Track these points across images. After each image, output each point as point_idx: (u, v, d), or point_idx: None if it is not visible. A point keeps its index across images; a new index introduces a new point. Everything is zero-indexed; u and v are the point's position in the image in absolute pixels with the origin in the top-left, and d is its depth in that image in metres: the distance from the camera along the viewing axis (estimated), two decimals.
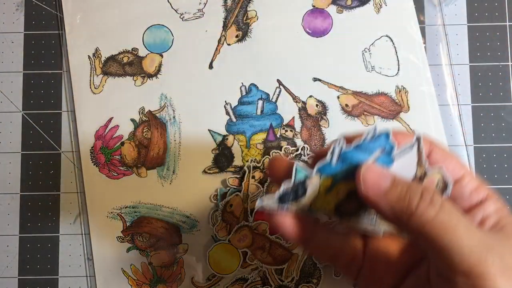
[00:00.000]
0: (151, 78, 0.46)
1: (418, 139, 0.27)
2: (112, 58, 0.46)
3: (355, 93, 0.45)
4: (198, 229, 0.44)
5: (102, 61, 0.46)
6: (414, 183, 0.26)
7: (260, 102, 0.45)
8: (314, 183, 0.28)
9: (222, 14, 0.46)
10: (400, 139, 0.28)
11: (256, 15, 0.46)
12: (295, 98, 0.45)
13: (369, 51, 0.46)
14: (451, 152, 0.30)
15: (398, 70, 0.45)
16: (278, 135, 0.45)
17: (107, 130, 0.45)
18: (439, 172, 0.27)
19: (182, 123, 0.45)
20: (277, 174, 0.29)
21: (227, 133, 0.45)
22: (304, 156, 0.44)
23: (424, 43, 0.46)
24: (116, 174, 0.45)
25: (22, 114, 0.46)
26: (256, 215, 0.43)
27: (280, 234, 0.33)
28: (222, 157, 0.45)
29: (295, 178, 0.27)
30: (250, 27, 0.46)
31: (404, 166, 0.27)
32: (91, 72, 0.46)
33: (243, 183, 0.43)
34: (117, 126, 0.45)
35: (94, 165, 0.45)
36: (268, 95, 0.45)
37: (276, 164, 0.30)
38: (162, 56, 0.46)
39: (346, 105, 0.45)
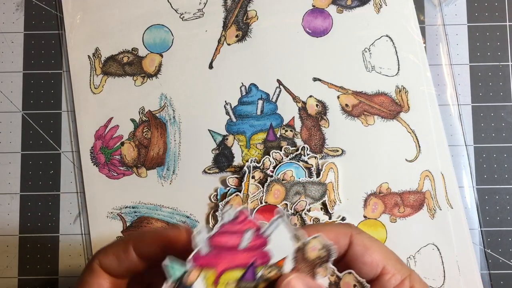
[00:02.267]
0: (151, 78, 0.46)
1: (280, 213, 0.26)
2: (112, 58, 0.46)
3: (355, 93, 0.45)
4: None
5: (102, 61, 0.46)
6: None
7: (260, 102, 0.45)
8: (197, 280, 0.25)
9: (222, 14, 0.46)
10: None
11: (256, 15, 0.46)
12: (295, 98, 0.45)
13: (369, 51, 0.46)
14: (375, 240, 0.28)
15: (398, 70, 0.45)
16: (278, 135, 0.45)
17: (107, 130, 0.45)
18: (317, 240, 0.26)
19: (182, 123, 0.45)
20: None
21: (227, 133, 0.45)
22: (304, 156, 0.44)
23: (424, 43, 0.46)
24: (116, 174, 0.45)
25: (22, 114, 0.46)
26: (256, 215, 0.43)
27: None
28: (222, 157, 0.45)
29: (172, 278, 0.24)
30: (250, 27, 0.46)
31: (280, 243, 0.26)
32: (91, 72, 0.46)
33: (243, 183, 0.43)
34: (117, 126, 0.45)
35: (94, 165, 0.45)
36: (268, 95, 0.45)
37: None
38: (162, 56, 0.46)
39: (346, 105, 0.45)
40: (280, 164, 0.44)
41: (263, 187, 0.43)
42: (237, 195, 0.43)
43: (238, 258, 0.26)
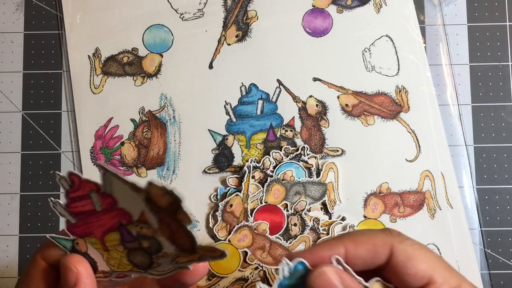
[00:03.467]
0: (151, 78, 0.46)
1: (99, 166, 0.26)
2: (112, 58, 0.46)
3: (355, 93, 0.45)
4: (198, 229, 0.44)
5: (102, 61, 0.46)
6: None
7: (260, 102, 0.45)
8: (88, 248, 0.26)
9: (222, 14, 0.46)
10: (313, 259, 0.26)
11: (256, 15, 0.46)
12: (295, 98, 0.45)
13: (369, 51, 0.46)
14: (420, 248, 0.26)
15: (398, 70, 0.45)
16: (278, 135, 0.45)
17: (107, 130, 0.45)
18: (156, 187, 0.25)
19: (182, 123, 0.45)
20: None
21: (227, 133, 0.45)
22: (304, 156, 0.44)
23: (424, 43, 0.46)
24: None
25: (22, 114, 0.46)
26: (256, 215, 0.43)
27: None
28: (222, 157, 0.45)
29: (69, 251, 0.26)
30: (250, 27, 0.46)
31: (127, 198, 0.26)
32: (91, 72, 0.46)
33: (243, 183, 0.43)
34: (117, 126, 0.45)
35: (94, 165, 0.45)
36: (268, 95, 0.45)
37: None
38: (162, 56, 0.46)
39: (346, 105, 0.45)
40: (280, 164, 0.44)
41: (263, 187, 0.43)
42: (237, 195, 0.43)
43: (103, 221, 0.26)
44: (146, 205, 0.25)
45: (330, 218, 0.44)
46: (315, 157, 0.44)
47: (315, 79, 0.45)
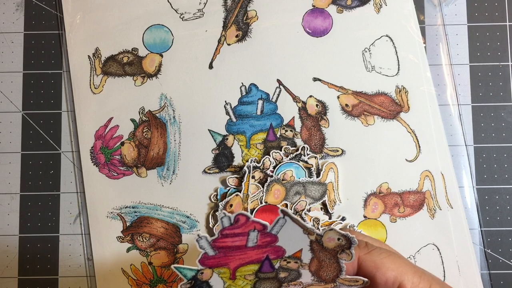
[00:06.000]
0: (151, 78, 0.46)
1: (284, 212, 0.25)
2: (112, 58, 0.46)
3: (355, 93, 0.45)
4: (198, 229, 0.44)
5: (102, 61, 0.46)
6: None
7: (260, 102, 0.45)
8: (212, 276, 0.26)
9: (222, 14, 0.46)
10: None
11: (256, 15, 0.46)
12: (295, 98, 0.45)
13: (369, 51, 0.46)
14: (388, 255, 0.27)
15: (398, 70, 0.45)
16: (278, 135, 0.45)
17: (107, 130, 0.45)
18: (333, 231, 0.25)
19: (182, 123, 0.45)
20: None
21: (227, 133, 0.45)
22: (304, 156, 0.44)
23: (424, 43, 0.46)
24: (116, 174, 0.45)
25: (22, 114, 0.46)
26: (256, 215, 0.43)
27: None
28: (222, 157, 0.45)
29: (188, 279, 0.26)
30: (250, 27, 0.46)
31: (291, 238, 0.26)
32: (91, 72, 0.46)
33: (243, 183, 0.43)
34: (117, 126, 0.45)
35: (94, 165, 0.45)
36: (268, 95, 0.45)
37: None
38: (162, 56, 0.46)
39: (346, 105, 0.45)
40: (280, 164, 0.44)
41: (263, 187, 0.43)
42: (237, 195, 0.43)
43: (249, 255, 0.26)
44: (310, 244, 0.26)
45: (330, 218, 0.44)
46: (315, 157, 0.44)
47: (315, 79, 0.45)
